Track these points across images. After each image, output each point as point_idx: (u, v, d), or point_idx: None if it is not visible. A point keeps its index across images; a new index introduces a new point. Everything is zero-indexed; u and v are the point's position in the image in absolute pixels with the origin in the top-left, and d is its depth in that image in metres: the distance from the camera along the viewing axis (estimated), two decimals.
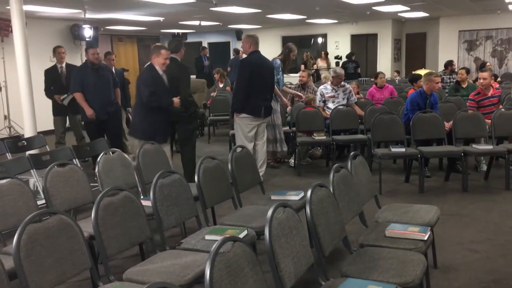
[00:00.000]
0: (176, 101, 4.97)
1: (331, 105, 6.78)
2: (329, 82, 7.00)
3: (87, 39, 11.11)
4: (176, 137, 5.80)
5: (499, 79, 10.42)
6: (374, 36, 15.24)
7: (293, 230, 2.29)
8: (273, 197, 3.74)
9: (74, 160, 4.43)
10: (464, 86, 7.76)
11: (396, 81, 11.97)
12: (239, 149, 3.91)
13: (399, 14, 13.20)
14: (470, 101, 6.12)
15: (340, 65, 13.37)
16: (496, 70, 13.28)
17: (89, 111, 5.89)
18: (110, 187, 2.73)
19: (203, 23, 13.50)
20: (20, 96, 5.78)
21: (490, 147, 5.30)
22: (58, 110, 7.08)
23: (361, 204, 3.18)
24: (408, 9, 11.58)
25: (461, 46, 14.45)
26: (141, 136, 4.83)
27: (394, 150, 5.30)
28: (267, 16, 11.95)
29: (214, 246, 1.83)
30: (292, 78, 12.30)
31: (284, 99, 6.71)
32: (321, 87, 7.05)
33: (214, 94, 9.57)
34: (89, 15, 10.34)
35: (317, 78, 12.42)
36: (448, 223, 4.25)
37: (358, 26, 15.27)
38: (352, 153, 3.37)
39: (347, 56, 13.97)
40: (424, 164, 5.55)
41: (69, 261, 2.36)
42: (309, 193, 2.51)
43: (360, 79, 12.87)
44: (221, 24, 14.40)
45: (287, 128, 6.96)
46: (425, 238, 2.74)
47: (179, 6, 9.24)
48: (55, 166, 3.44)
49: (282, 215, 2.28)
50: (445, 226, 4.13)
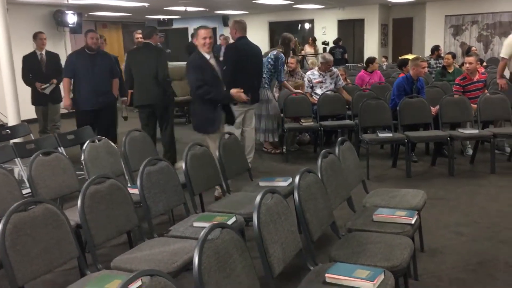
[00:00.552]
0: (235, 92, 4.46)
1: (319, 91, 6.77)
2: (316, 68, 6.99)
3: (71, 25, 10.94)
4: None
5: (485, 64, 10.49)
6: (361, 22, 15.23)
7: (282, 216, 2.29)
8: (261, 184, 3.74)
9: (60, 149, 4.36)
10: (450, 71, 7.80)
11: (384, 67, 11.99)
12: (227, 136, 3.89)
13: None
14: (456, 86, 6.16)
15: (327, 51, 13.34)
16: (482, 55, 13.36)
17: (67, 102, 5.58)
18: (97, 175, 2.70)
19: (189, 9, 13.36)
20: (3, 84, 5.67)
21: (476, 131, 5.35)
22: (38, 99, 6.74)
23: (349, 190, 3.19)
24: None
25: (448, 31, 14.51)
26: (199, 129, 4.59)
27: (381, 136, 5.32)
28: (254, 1, 11.87)
29: (202, 233, 1.82)
30: None
31: (293, 90, 6.67)
32: (308, 73, 7.03)
33: None
34: (72, 1, 10.16)
35: (303, 65, 12.38)
36: (435, 207, 4.30)
37: (345, 12, 15.24)
38: (340, 139, 3.37)
39: (334, 42, 13.95)
40: (411, 149, 5.58)
41: (56, 250, 2.33)
42: (297, 179, 2.50)
43: (347, 65, 12.88)
44: (208, 10, 14.27)
45: None
46: (412, 222, 2.76)
47: None
48: (40, 155, 3.39)
49: (271, 201, 2.27)
50: (432, 210, 4.17)
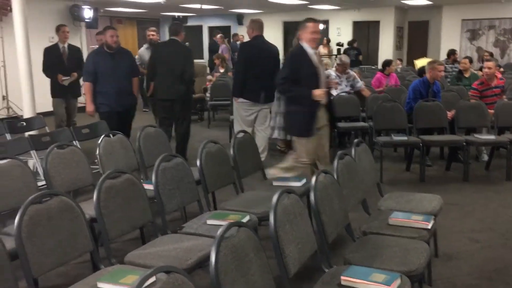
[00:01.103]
0: (318, 93, 4.04)
1: (334, 92, 6.72)
2: (334, 69, 6.94)
3: (87, 20, 10.99)
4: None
5: (502, 70, 10.38)
6: (376, 24, 15.13)
7: (298, 217, 2.27)
8: (275, 183, 3.71)
9: (74, 142, 4.38)
10: (467, 76, 7.71)
11: (398, 69, 11.90)
12: (241, 134, 3.87)
13: (402, 1, 13.09)
14: (473, 90, 6.08)
15: (342, 52, 13.27)
16: (498, 60, 13.21)
17: (90, 107, 5.21)
18: (112, 170, 2.70)
19: (204, 7, 13.36)
20: (19, 77, 5.71)
21: (493, 137, 5.28)
22: (58, 92, 6.60)
23: (364, 192, 3.16)
24: None
25: (464, 35, 14.36)
26: (291, 131, 4.35)
27: (396, 139, 5.27)
28: (269, 1, 11.83)
29: (220, 231, 1.80)
30: None
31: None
32: (325, 73, 6.99)
33: (212, 79, 9.50)
34: None
35: None
36: (449, 212, 4.24)
37: (361, 13, 15.15)
38: (356, 140, 3.35)
39: (349, 43, 13.87)
40: (425, 153, 5.53)
41: (71, 243, 2.33)
42: (314, 180, 2.48)
43: (361, 67, 12.80)
44: (223, 8, 14.27)
45: None
46: (429, 227, 2.73)
47: None
48: (55, 148, 3.40)
49: (287, 201, 2.25)
50: (446, 215, 4.12)
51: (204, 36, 17.77)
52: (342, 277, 2.14)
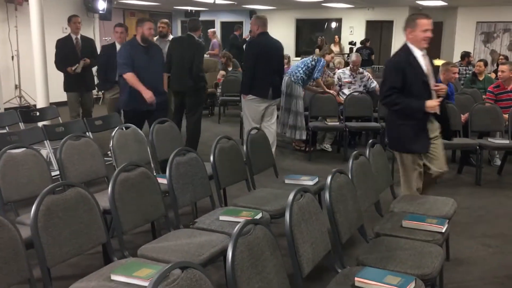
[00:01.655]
0: (431, 105, 3.45)
1: (346, 91, 6.70)
2: (348, 68, 6.90)
3: (101, 12, 11.01)
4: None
5: None
6: (390, 23, 15.02)
7: (313, 216, 2.26)
8: (287, 181, 3.71)
9: (88, 134, 4.40)
10: (481, 79, 7.65)
11: None
12: (255, 131, 3.86)
13: (417, 2, 12.98)
14: (489, 93, 6.03)
15: (354, 51, 13.20)
16: None
17: (148, 93, 4.74)
18: (128, 163, 2.70)
19: (218, 1, 13.34)
20: (33, 66, 5.72)
21: (507, 142, 5.23)
22: (71, 85, 6.36)
23: (378, 193, 3.15)
24: None
25: (478, 38, 14.22)
26: (394, 146, 3.75)
27: None
28: None
29: (237, 228, 1.79)
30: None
31: (326, 89, 6.66)
32: (339, 71, 6.97)
33: (221, 77, 9.47)
34: None
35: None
36: (461, 216, 4.21)
37: (374, 12, 15.05)
38: (371, 141, 3.33)
39: (362, 42, 13.80)
40: None
41: (85, 235, 2.34)
42: (329, 179, 2.47)
43: (373, 66, 12.72)
44: (235, 3, 14.23)
45: None
46: (443, 231, 2.71)
47: None
48: (70, 139, 3.42)
49: (302, 200, 2.24)
50: (458, 219, 4.08)
51: (217, 31, 17.73)
52: (356, 278, 2.13)
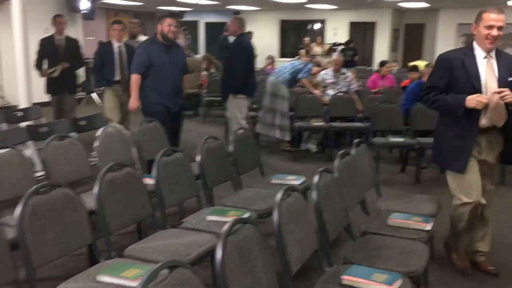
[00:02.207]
0: (474, 100, 2.77)
1: (331, 92, 6.75)
2: (331, 69, 6.96)
3: (83, 11, 10.89)
4: None
5: None
6: (373, 25, 15.18)
7: (300, 215, 2.28)
8: (274, 181, 3.72)
9: (73, 134, 4.35)
10: None
11: (394, 71, 11.94)
12: (241, 131, 3.87)
13: (400, 4, 13.14)
14: None
15: (338, 52, 13.29)
16: None
17: (135, 103, 4.60)
18: (114, 163, 2.69)
19: (201, 2, 13.31)
20: (15, 66, 5.66)
21: None
22: (53, 88, 6.07)
23: (364, 192, 3.18)
24: None
25: (459, 40, 14.43)
26: (437, 161, 3.30)
27: (393, 140, 5.30)
28: None
29: (226, 227, 1.80)
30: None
31: (313, 89, 6.69)
32: (323, 73, 7.01)
33: (205, 78, 9.44)
34: None
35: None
36: (444, 215, 4.26)
37: (358, 14, 15.18)
38: (357, 141, 3.36)
39: (346, 43, 13.89)
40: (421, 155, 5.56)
41: (72, 235, 2.32)
42: (317, 178, 2.48)
43: (357, 67, 12.83)
44: (220, 4, 14.22)
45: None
46: (428, 229, 2.75)
47: None
48: (55, 139, 3.38)
49: (290, 199, 2.25)
50: (441, 218, 4.13)
51: (201, 32, 17.71)
52: (344, 277, 2.16)
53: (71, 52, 6.29)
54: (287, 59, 12.84)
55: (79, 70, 6.52)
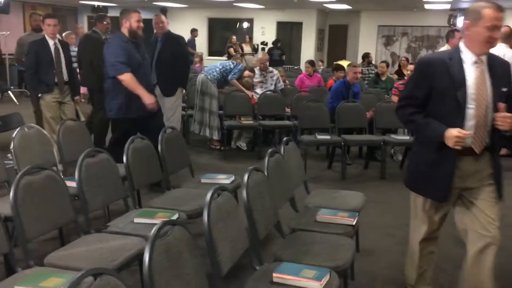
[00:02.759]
0: (453, 135, 2.30)
1: (259, 91, 6.80)
2: (258, 68, 7.01)
3: None
4: None
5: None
6: (299, 25, 15.51)
7: (230, 214, 2.26)
8: (203, 180, 3.68)
9: None
10: (384, 79, 8.14)
11: (320, 71, 12.27)
12: (170, 130, 3.79)
13: (324, 5, 13.52)
14: (395, 89, 6.49)
15: (266, 51, 13.45)
16: None
17: (150, 98, 4.21)
18: (31, 166, 2.52)
19: None
20: None
21: (408, 138, 5.60)
22: None
23: (293, 189, 3.22)
24: (334, 0, 11.88)
25: (380, 41, 15.14)
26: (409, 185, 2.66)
27: (320, 138, 5.43)
28: None
29: (154, 230, 1.74)
30: (217, 61, 12.18)
31: (244, 89, 6.62)
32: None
33: None
34: None
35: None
36: (368, 209, 4.41)
37: (284, 14, 15.44)
38: (285, 139, 3.39)
39: (273, 43, 14.09)
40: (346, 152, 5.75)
41: None
42: (246, 177, 2.47)
43: (284, 66, 13.05)
44: (146, 0, 13.88)
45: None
46: (354, 223, 2.83)
47: None
48: None
49: (220, 199, 2.23)
50: (365, 212, 4.28)
51: None
52: (274, 274, 2.16)
53: None
54: (215, 58, 12.84)
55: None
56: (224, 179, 3.62)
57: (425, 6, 12.73)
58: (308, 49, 15.36)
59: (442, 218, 2.60)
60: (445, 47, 6.63)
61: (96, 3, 15.52)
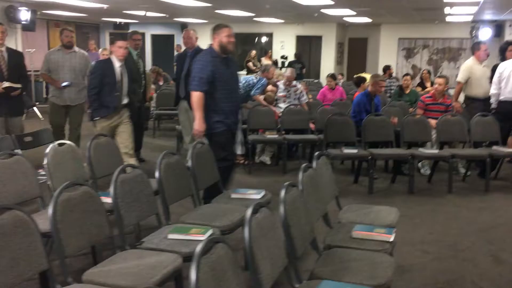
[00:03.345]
0: None
1: (282, 105, 6.79)
2: (282, 82, 7.01)
3: (23, 22, 10.40)
4: None
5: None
6: (319, 38, 15.51)
7: (270, 231, 2.23)
8: (233, 196, 3.66)
9: (18, 151, 4.09)
10: (407, 92, 8.06)
11: (340, 83, 12.24)
12: (200, 145, 3.78)
13: (344, 19, 13.51)
14: (420, 102, 6.39)
15: (286, 65, 13.48)
16: (432, 78, 13.94)
17: (201, 125, 4.09)
18: (70, 181, 2.53)
19: (149, 14, 13.10)
20: None
21: (436, 151, 5.52)
22: None
23: (326, 204, 3.18)
24: (354, 14, 11.87)
25: (400, 53, 15.05)
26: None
27: (347, 151, 5.38)
28: (216, 11, 11.79)
29: (200, 247, 1.72)
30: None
31: (265, 103, 6.66)
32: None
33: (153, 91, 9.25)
34: None
35: None
36: (399, 224, 4.35)
37: (304, 28, 15.47)
38: (317, 153, 3.37)
39: (295, 56, 14.12)
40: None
41: (25, 261, 2.15)
42: (283, 193, 2.45)
43: (305, 80, 13.05)
44: (167, 16, 14.05)
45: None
46: (391, 240, 2.78)
47: None
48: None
49: (259, 215, 2.20)
50: (397, 227, 4.22)
51: (147, 44, 17.41)
52: None
53: (15, 67, 5.44)
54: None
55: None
56: (255, 194, 3.59)
57: (447, 19, 12.63)
58: (328, 63, 15.35)
59: None
60: (471, 60, 6.56)
61: (118, 20, 15.79)
